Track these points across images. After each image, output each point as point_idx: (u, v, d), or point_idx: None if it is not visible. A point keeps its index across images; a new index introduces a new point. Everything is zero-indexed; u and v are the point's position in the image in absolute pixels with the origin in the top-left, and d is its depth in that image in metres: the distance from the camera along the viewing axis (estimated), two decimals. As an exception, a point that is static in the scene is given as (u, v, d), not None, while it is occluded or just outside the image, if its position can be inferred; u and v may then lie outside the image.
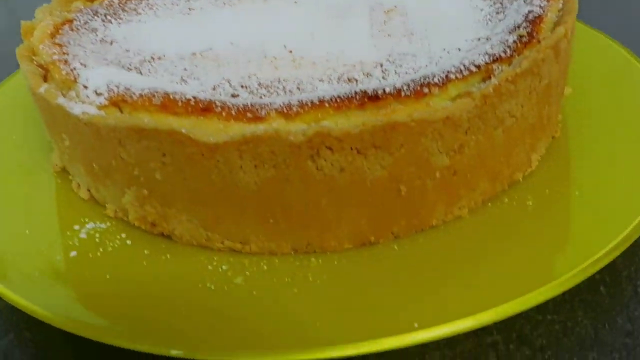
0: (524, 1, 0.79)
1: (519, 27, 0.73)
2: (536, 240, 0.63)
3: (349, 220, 0.64)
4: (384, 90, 0.63)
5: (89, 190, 0.75)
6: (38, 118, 0.78)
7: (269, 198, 0.62)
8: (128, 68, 0.74)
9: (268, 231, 0.65)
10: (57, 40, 0.77)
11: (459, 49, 0.75)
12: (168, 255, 0.66)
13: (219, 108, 0.63)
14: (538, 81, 0.68)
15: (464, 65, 0.66)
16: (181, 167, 0.62)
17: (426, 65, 0.72)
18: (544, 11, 0.75)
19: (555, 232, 0.64)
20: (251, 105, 0.63)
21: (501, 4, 0.83)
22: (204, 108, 0.63)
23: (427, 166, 0.63)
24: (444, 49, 0.76)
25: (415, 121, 0.59)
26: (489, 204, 0.70)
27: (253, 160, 0.60)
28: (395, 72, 0.72)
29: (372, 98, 0.62)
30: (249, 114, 0.62)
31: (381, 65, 0.74)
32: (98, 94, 0.66)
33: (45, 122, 0.75)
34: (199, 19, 0.88)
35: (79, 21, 0.82)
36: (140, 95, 0.65)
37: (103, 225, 0.71)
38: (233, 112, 0.62)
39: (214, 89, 0.71)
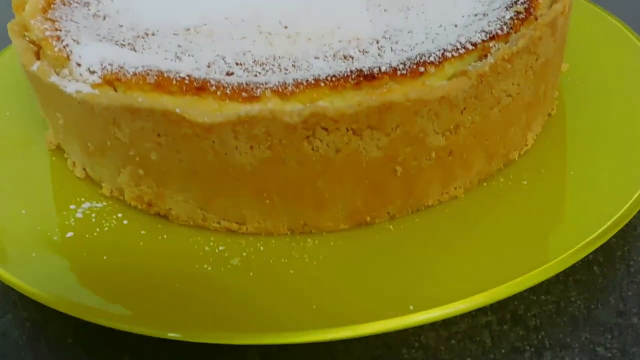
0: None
1: (516, 2, 0.72)
2: (530, 221, 0.64)
3: (344, 201, 0.64)
4: (380, 69, 0.62)
5: (84, 169, 0.74)
6: (32, 95, 0.77)
7: (265, 178, 0.62)
8: (121, 44, 0.73)
9: (264, 211, 0.65)
10: (49, 15, 0.75)
11: (455, 25, 0.74)
12: (165, 236, 0.67)
13: (214, 87, 0.62)
14: (535, 59, 0.67)
15: (460, 43, 0.65)
16: (176, 147, 0.61)
17: (422, 42, 0.72)
18: None
19: (549, 213, 0.64)
20: (246, 84, 0.62)
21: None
22: (199, 87, 0.62)
23: (423, 146, 0.63)
24: (440, 25, 0.75)
25: (410, 101, 0.59)
26: (485, 183, 0.70)
27: (248, 141, 0.60)
28: (392, 50, 0.71)
29: (367, 77, 0.61)
30: (244, 94, 0.61)
31: (377, 42, 0.73)
32: (91, 72, 0.65)
33: (39, 100, 0.74)
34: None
35: (70, -5, 0.81)
36: (134, 74, 0.64)
37: (99, 205, 0.71)
38: (228, 92, 0.62)
39: (208, 66, 0.70)
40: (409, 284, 0.58)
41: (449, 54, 0.64)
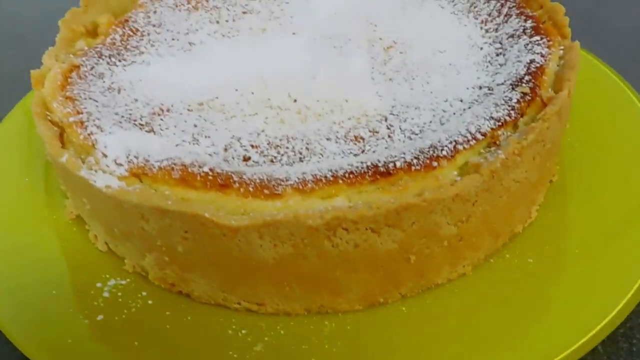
0: (525, 46, 0.81)
1: (521, 80, 0.75)
2: (536, 305, 0.68)
3: (359, 286, 0.68)
4: (395, 164, 0.65)
5: (106, 244, 0.77)
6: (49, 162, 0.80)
7: (286, 270, 0.66)
8: (140, 124, 0.76)
9: (283, 296, 0.69)
10: (68, 93, 0.78)
11: (461, 100, 0.77)
12: (189, 317, 0.70)
13: (237, 184, 0.65)
14: (542, 146, 0.71)
15: (471, 133, 0.68)
16: (203, 243, 0.65)
17: (430, 122, 0.75)
18: (545, 60, 0.77)
19: (555, 299, 0.68)
20: (267, 180, 0.65)
21: (500, 43, 0.85)
22: (222, 184, 0.65)
23: (435, 237, 0.66)
24: (446, 100, 0.78)
25: (427, 201, 0.62)
26: (491, 260, 0.73)
27: (272, 240, 0.63)
28: (401, 130, 0.74)
29: (383, 174, 0.65)
30: (266, 191, 0.64)
31: (385, 119, 0.76)
32: (118, 164, 0.68)
33: (64, 183, 0.77)
34: (201, 58, 0.88)
35: (86, 67, 0.83)
36: (160, 168, 0.67)
37: (123, 282, 0.74)
38: (250, 189, 0.65)
39: (225, 149, 0.73)
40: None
41: (460, 147, 0.67)
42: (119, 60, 0.86)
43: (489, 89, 0.78)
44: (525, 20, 0.85)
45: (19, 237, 0.79)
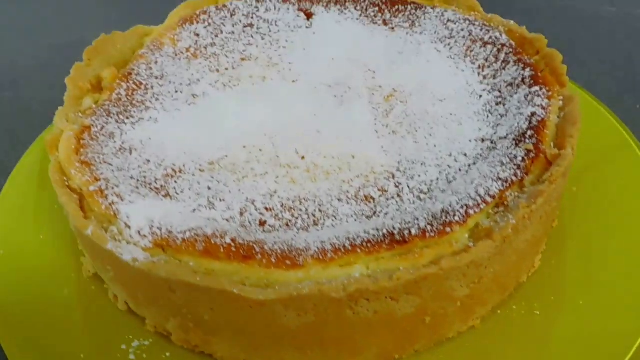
0: (525, 97, 0.84)
1: (524, 134, 0.78)
2: (543, 357, 0.72)
3: (377, 345, 0.71)
4: (410, 232, 0.68)
5: (126, 303, 0.80)
6: (63, 217, 0.81)
7: (307, 335, 0.69)
8: (155, 187, 0.78)
9: (304, 357, 0.72)
10: (82, 157, 0.79)
11: (465, 155, 0.81)
12: (213, 381, 0.73)
13: (259, 255, 0.67)
14: (549, 205, 0.74)
15: (480, 196, 0.71)
16: (229, 313, 0.67)
17: (437, 179, 0.78)
18: (546, 113, 0.80)
19: (560, 352, 0.72)
20: (288, 251, 0.68)
21: (499, 91, 0.88)
22: (245, 256, 0.68)
23: (450, 299, 0.70)
24: (450, 155, 0.81)
25: (444, 270, 0.65)
26: (499, 311, 0.77)
27: (297, 311, 0.66)
28: (409, 189, 0.77)
29: (400, 242, 0.68)
30: (287, 262, 0.67)
31: (393, 176, 0.79)
32: (142, 236, 0.70)
33: (86, 249, 0.78)
34: (206, 111, 0.90)
35: (96, 127, 0.84)
36: (183, 240, 0.69)
37: (147, 342, 0.76)
38: (273, 260, 0.67)
39: (241, 214, 0.75)
40: None
41: (471, 211, 0.70)
42: (127, 118, 0.88)
43: (491, 142, 0.81)
44: (524, 68, 0.88)
45: (38, 297, 0.81)
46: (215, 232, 0.70)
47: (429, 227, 0.69)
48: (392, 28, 1.03)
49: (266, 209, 0.76)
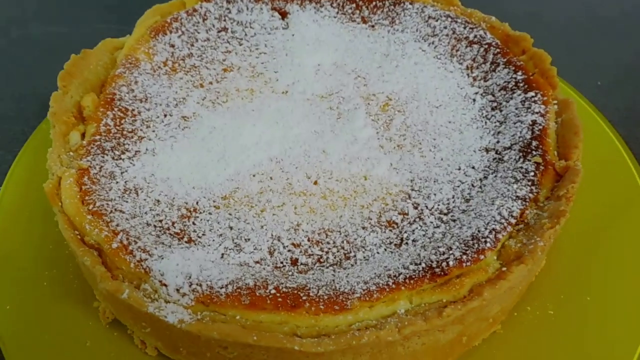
0: (522, 103, 0.86)
1: (529, 145, 0.81)
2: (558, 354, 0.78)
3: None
4: (448, 264, 0.71)
5: (156, 348, 0.78)
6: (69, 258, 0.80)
7: (360, 373, 0.71)
8: (175, 233, 0.76)
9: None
10: (91, 207, 0.76)
11: (474, 167, 0.83)
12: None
13: (307, 303, 0.68)
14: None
15: (505, 218, 0.74)
16: (283, 363, 0.68)
17: (453, 197, 0.80)
18: (546, 120, 0.84)
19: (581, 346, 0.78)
20: (335, 296, 0.69)
21: (493, 95, 0.91)
22: (293, 305, 0.68)
23: (485, 319, 0.74)
24: (459, 169, 0.83)
25: (486, 300, 0.69)
26: (515, 313, 0.82)
27: (352, 355, 0.68)
28: (428, 209, 0.79)
29: (440, 275, 0.70)
30: (336, 307, 0.68)
31: (409, 197, 0.81)
32: (182, 294, 0.69)
33: (110, 304, 0.76)
34: (202, 137, 0.87)
35: (94, 168, 0.80)
36: (227, 295, 0.68)
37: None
38: (321, 307, 0.68)
39: (270, 254, 0.75)
40: None
41: (500, 235, 0.73)
42: (122, 152, 0.84)
43: (496, 153, 0.84)
44: (515, 71, 0.90)
45: (60, 350, 0.78)
46: (257, 283, 0.69)
47: (464, 257, 0.71)
48: (372, 26, 1.02)
49: (293, 244, 0.77)
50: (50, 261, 0.86)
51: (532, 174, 0.79)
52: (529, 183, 0.78)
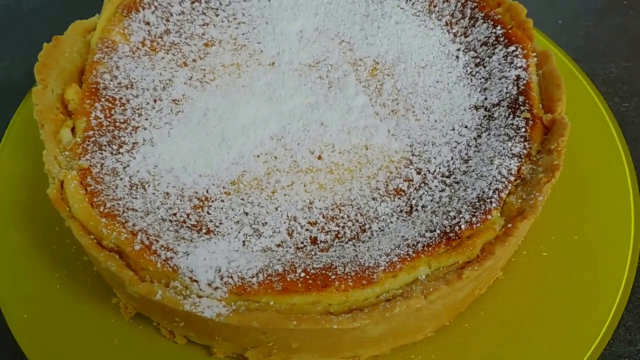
0: (504, 58, 0.89)
1: (516, 100, 0.85)
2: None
3: (435, 322, 0.81)
4: (460, 227, 0.75)
5: (185, 337, 0.80)
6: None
7: (387, 337, 0.76)
8: (193, 225, 0.77)
9: (377, 350, 0.79)
10: (103, 210, 0.75)
11: (466, 127, 0.87)
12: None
13: (337, 282, 0.72)
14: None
15: (504, 177, 0.79)
16: (319, 340, 0.72)
17: (452, 159, 0.84)
18: (528, 74, 0.87)
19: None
20: (361, 271, 0.72)
21: (475, 51, 0.93)
22: (324, 284, 0.71)
23: (495, 272, 0.80)
24: (453, 129, 0.87)
25: (498, 257, 0.74)
26: (513, 259, 0.87)
27: (383, 323, 0.72)
28: (430, 173, 0.83)
29: (454, 239, 0.75)
30: (363, 281, 0.72)
31: (411, 162, 0.84)
32: (214, 288, 0.71)
33: (136, 302, 0.77)
34: (197, 120, 0.87)
35: (95, 167, 0.80)
36: (259, 284, 0.71)
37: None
38: (350, 283, 0.72)
39: (290, 235, 0.78)
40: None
41: (502, 194, 0.78)
42: (120, 146, 0.83)
43: (486, 110, 0.88)
44: (494, 26, 0.92)
45: (89, 354, 0.79)
46: (285, 268, 0.72)
47: (473, 219, 0.76)
48: (348, -15, 1.01)
49: (310, 223, 0.79)
50: (56, 262, 0.85)
51: (523, 130, 0.83)
52: (522, 139, 0.82)
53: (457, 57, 0.94)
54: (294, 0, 0.99)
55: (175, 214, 0.78)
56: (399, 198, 0.81)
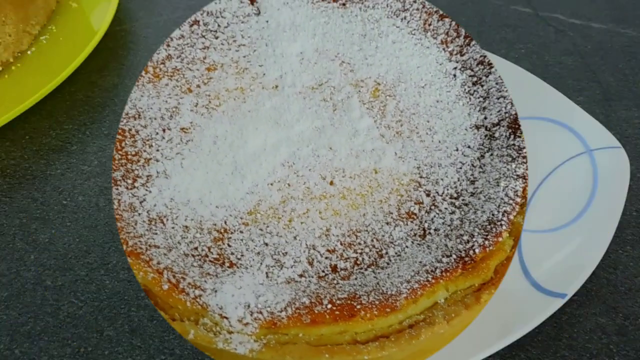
0: (501, 78, 0.93)
1: (515, 121, 0.88)
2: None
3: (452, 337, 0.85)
4: (474, 251, 0.79)
5: (207, 365, 0.82)
6: None
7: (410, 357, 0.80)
8: (215, 259, 0.78)
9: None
10: (126, 248, 0.76)
11: (469, 147, 0.90)
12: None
13: (362, 312, 0.74)
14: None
15: (511, 199, 0.83)
16: (348, 367, 0.75)
17: (459, 180, 0.87)
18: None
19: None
20: (385, 300, 0.75)
21: (472, 69, 0.96)
22: (350, 315, 0.74)
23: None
24: (457, 149, 0.90)
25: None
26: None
27: (410, 349, 0.76)
28: (439, 195, 0.86)
29: (470, 263, 0.78)
30: (387, 309, 0.75)
31: (419, 185, 0.87)
32: (245, 324, 0.72)
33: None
34: (208, 149, 0.87)
35: (113, 204, 0.79)
36: (289, 318, 0.73)
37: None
38: (375, 312, 0.75)
39: (311, 264, 0.80)
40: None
41: (511, 216, 0.82)
42: (134, 180, 0.83)
43: (486, 129, 0.91)
44: (489, 47, 0.96)
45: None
46: (312, 300, 0.74)
47: (486, 242, 0.79)
48: (343, 4, 1.02)
49: (328, 251, 0.81)
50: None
51: (524, 150, 0.87)
52: (524, 160, 0.86)
53: (455, 75, 0.96)
54: (290, 20, 0.99)
55: (196, 248, 0.79)
56: (411, 221, 0.84)
